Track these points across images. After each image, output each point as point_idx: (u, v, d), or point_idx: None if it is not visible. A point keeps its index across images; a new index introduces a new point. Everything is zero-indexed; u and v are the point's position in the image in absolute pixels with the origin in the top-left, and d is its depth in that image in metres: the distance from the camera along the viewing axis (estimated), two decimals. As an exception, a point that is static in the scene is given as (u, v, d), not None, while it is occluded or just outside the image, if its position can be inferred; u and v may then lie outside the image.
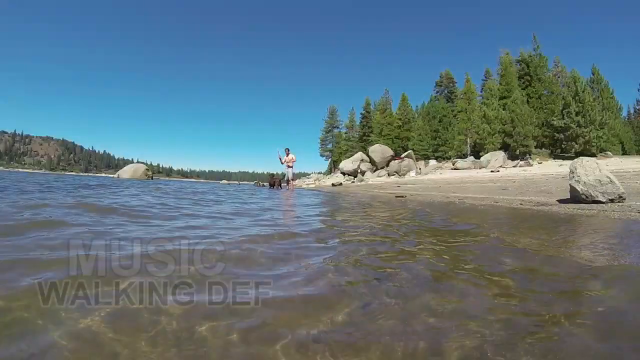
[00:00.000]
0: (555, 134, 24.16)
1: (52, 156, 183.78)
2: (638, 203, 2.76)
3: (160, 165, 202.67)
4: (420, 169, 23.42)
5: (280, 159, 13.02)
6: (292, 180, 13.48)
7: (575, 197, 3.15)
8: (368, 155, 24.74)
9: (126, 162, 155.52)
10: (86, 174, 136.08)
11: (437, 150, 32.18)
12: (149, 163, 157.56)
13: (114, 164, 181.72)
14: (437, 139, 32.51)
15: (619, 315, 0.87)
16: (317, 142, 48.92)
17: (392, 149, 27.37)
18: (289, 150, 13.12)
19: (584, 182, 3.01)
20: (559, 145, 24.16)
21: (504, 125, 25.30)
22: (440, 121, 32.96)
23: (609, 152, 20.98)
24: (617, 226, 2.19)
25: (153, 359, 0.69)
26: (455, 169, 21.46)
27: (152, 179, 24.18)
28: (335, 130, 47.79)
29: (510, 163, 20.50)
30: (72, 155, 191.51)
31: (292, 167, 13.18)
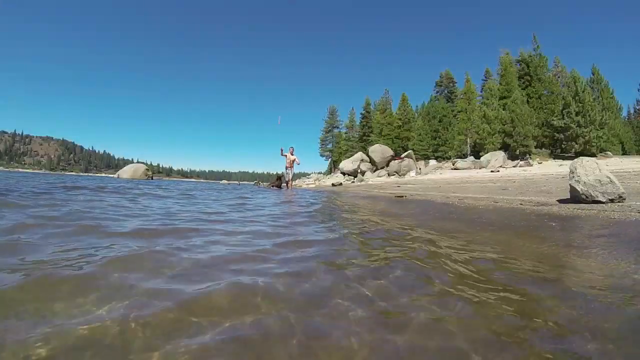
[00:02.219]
0: (555, 134, 24.15)
1: (52, 156, 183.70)
2: (638, 203, 2.75)
3: (160, 165, 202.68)
4: (420, 169, 23.40)
5: (282, 150, 12.81)
6: (291, 180, 13.44)
7: (575, 197, 3.14)
8: (368, 155, 24.72)
9: (126, 162, 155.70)
10: (86, 173, 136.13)
11: (437, 150, 32.16)
12: (149, 163, 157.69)
13: (114, 164, 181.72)
14: (437, 139, 32.49)
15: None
16: (317, 142, 49.02)
17: (392, 149, 27.36)
18: (293, 149, 13.01)
19: (584, 182, 3.00)
20: (559, 145, 24.15)
21: (504, 125, 25.28)
22: (440, 121, 32.94)
23: (609, 152, 20.97)
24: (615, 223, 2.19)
25: None
26: (455, 169, 21.45)
27: (152, 179, 24.17)
28: (335, 130, 47.80)
29: (510, 163, 20.48)
30: (72, 155, 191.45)
31: (291, 167, 13.11)
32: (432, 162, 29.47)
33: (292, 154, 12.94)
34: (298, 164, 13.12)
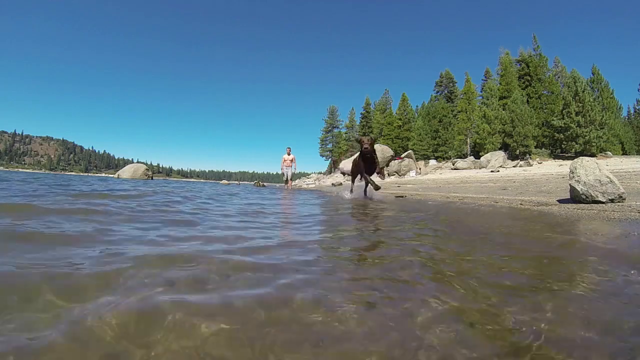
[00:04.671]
0: (555, 134, 24.16)
1: (52, 156, 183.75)
2: (638, 203, 2.75)
3: (160, 165, 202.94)
4: (420, 169, 23.39)
5: (282, 166, 13.11)
6: (291, 180, 13.45)
7: (575, 197, 3.14)
8: (368, 155, 24.69)
9: (126, 162, 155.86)
10: (86, 173, 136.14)
11: (437, 150, 32.17)
12: (149, 163, 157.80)
13: (114, 164, 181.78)
14: (437, 139, 32.50)
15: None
16: (317, 142, 49.01)
17: (392, 149, 27.33)
18: (290, 149, 13.06)
19: (584, 182, 2.99)
20: (559, 145, 24.15)
21: (503, 125, 25.29)
22: (440, 121, 32.94)
23: (609, 152, 20.98)
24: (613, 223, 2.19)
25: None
26: (455, 169, 21.45)
27: (152, 179, 24.15)
28: (335, 130, 47.80)
29: (510, 163, 20.48)
30: (72, 155, 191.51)
31: (290, 166, 13.14)
32: (432, 162, 29.46)
33: (289, 154, 13.04)
34: (295, 168, 13.19)
